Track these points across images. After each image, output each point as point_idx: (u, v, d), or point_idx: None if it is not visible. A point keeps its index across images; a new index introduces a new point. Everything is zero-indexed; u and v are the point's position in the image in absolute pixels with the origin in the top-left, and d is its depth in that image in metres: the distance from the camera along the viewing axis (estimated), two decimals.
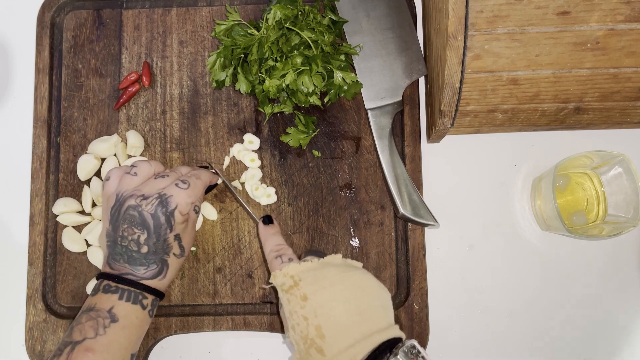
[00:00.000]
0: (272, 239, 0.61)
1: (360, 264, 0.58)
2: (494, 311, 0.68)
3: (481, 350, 0.68)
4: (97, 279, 0.59)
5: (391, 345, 0.51)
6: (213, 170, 0.67)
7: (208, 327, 0.67)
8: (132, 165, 0.61)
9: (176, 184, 0.59)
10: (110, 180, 0.61)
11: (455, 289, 0.69)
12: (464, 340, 0.68)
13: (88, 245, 0.69)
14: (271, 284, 0.57)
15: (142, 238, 0.57)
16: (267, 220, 0.63)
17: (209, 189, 0.66)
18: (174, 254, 0.59)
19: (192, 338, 0.69)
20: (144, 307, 0.58)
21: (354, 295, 0.54)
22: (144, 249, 0.57)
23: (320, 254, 0.58)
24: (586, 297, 0.68)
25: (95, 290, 0.58)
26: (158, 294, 0.59)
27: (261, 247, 0.65)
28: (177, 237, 0.59)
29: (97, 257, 0.68)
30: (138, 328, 0.57)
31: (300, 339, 0.53)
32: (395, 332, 0.53)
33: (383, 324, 0.53)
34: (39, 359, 0.67)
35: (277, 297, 0.66)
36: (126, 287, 0.57)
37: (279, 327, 0.67)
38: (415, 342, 0.50)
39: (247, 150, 0.69)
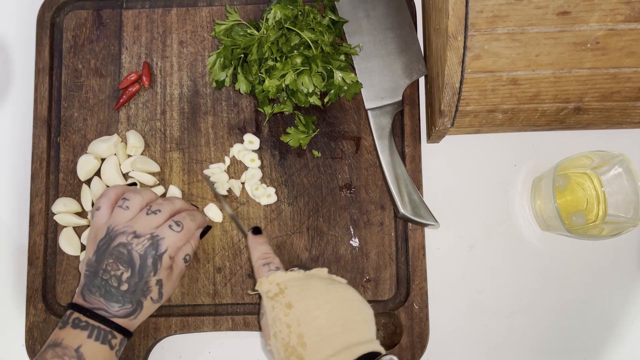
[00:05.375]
0: (260, 247, 0.61)
1: (344, 280, 0.58)
2: (494, 311, 0.68)
3: (481, 350, 0.68)
4: (67, 309, 0.58)
5: (370, 358, 0.51)
6: (210, 179, 0.66)
7: (208, 327, 0.67)
8: (124, 198, 0.60)
9: (170, 226, 0.59)
10: (100, 211, 0.60)
11: (455, 289, 0.69)
12: (464, 340, 0.68)
13: (82, 248, 0.68)
14: (257, 290, 0.57)
15: (125, 276, 0.57)
16: (256, 230, 0.63)
17: (203, 233, 0.65)
18: (151, 297, 0.59)
19: (192, 338, 0.69)
20: (112, 347, 0.57)
21: (338, 307, 0.54)
22: (124, 287, 0.57)
23: (306, 268, 0.59)
24: (586, 297, 0.68)
25: (64, 323, 0.57)
26: (127, 334, 0.58)
27: (249, 256, 0.65)
28: (159, 283, 0.59)
29: None
30: None
31: (281, 346, 0.53)
32: (376, 346, 0.53)
33: (364, 338, 0.54)
34: None
35: (259, 306, 0.66)
36: (97, 324, 0.56)
37: None
38: (394, 358, 0.51)
39: (247, 150, 0.69)
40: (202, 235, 0.65)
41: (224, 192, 0.68)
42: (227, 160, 0.69)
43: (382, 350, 0.53)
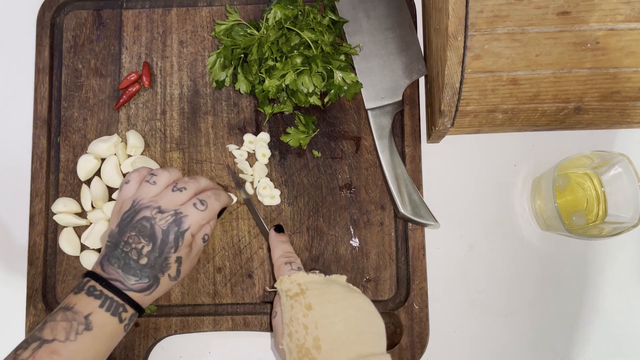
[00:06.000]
0: (282, 245, 0.62)
1: (359, 290, 0.59)
2: (493, 311, 0.68)
3: (481, 350, 0.68)
4: (85, 276, 0.58)
5: None
6: (236, 189, 0.66)
7: (208, 327, 0.67)
8: (152, 174, 0.60)
9: (194, 204, 0.59)
10: (129, 184, 0.60)
11: (455, 289, 0.69)
12: (464, 340, 0.68)
13: (83, 249, 0.68)
14: (275, 288, 0.57)
15: (145, 250, 0.57)
16: (279, 228, 0.64)
17: (219, 212, 0.65)
18: (169, 274, 0.58)
19: (192, 338, 0.69)
20: (121, 320, 0.57)
21: (356, 316, 0.55)
22: (143, 261, 0.57)
23: (325, 272, 0.59)
24: (586, 297, 0.68)
25: (79, 289, 0.57)
26: (139, 309, 0.58)
27: (269, 253, 0.65)
28: (179, 260, 0.58)
29: (90, 262, 0.67)
30: (110, 340, 0.56)
31: (295, 347, 0.53)
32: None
33: (378, 350, 0.54)
34: None
35: (272, 304, 0.66)
36: (110, 295, 0.56)
37: None
38: None
39: (260, 144, 0.68)
40: (219, 215, 0.65)
41: (246, 179, 0.68)
42: (243, 151, 0.69)
43: None
